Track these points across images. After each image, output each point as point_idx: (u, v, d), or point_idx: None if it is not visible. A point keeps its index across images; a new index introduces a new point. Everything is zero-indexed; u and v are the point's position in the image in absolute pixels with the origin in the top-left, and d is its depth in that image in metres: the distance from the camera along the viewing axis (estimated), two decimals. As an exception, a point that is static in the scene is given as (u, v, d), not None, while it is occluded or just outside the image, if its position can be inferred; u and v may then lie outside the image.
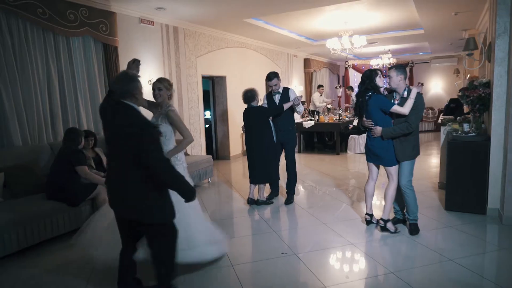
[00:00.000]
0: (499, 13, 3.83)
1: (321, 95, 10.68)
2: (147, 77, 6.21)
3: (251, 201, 4.99)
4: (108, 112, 2.38)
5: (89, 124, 5.19)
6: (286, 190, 5.12)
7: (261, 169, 4.84)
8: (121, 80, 2.32)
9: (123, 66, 5.70)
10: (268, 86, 4.92)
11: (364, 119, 3.70)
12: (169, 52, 6.69)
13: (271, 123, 4.85)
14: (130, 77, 2.34)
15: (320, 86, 10.91)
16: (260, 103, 5.07)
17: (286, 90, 4.92)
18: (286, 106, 4.72)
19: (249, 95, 4.81)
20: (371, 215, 4.02)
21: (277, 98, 4.90)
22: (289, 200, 5.03)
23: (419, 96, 3.54)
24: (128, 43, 5.85)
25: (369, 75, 3.62)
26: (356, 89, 13.75)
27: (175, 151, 3.17)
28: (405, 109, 3.50)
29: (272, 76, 4.82)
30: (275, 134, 4.86)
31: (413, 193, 3.74)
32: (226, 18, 6.77)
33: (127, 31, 5.80)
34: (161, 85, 3.20)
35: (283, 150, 5.09)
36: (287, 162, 5.02)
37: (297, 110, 4.86)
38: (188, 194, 2.35)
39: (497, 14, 3.84)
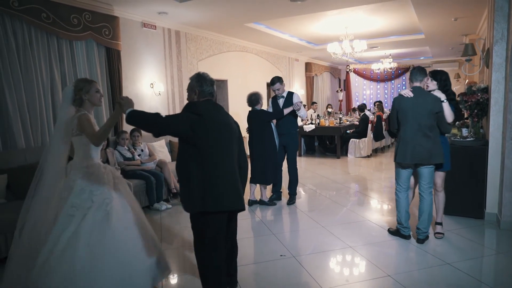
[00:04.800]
0: (497, 19, 3.87)
1: (315, 111, 10.94)
2: (149, 81, 6.28)
3: (251, 202, 5.11)
4: (218, 113, 2.44)
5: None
6: (288, 191, 5.23)
7: (258, 170, 4.96)
8: (214, 83, 2.53)
9: (125, 70, 5.77)
10: (272, 90, 5.08)
11: None
12: (171, 56, 6.76)
13: (273, 126, 4.96)
14: None
15: (314, 103, 11.36)
16: (264, 107, 5.19)
17: (290, 94, 5.05)
18: (286, 111, 4.86)
19: (253, 99, 4.95)
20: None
21: (281, 102, 5.04)
22: (291, 200, 5.16)
23: (395, 99, 3.59)
24: (131, 47, 5.92)
25: None
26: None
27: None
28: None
29: (274, 81, 4.98)
30: (277, 138, 4.97)
31: (396, 200, 3.74)
32: (227, 22, 6.83)
33: (129, 35, 5.87)
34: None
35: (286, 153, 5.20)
36: (288, 164, 5.15)
37: (299, 114, 4.95)
38: None
39: (494, 20, 3.89)
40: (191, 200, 2.33)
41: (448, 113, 3.45)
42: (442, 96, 3.47)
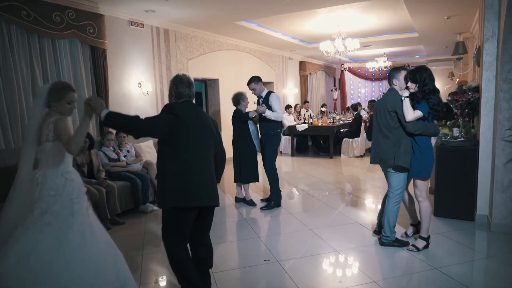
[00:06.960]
0: (487, 17, 3.78)
1: (307, 110, 10.88)
2: (137, 80, 6.16)
3: (238, 200, 5.25)
4: (194, 113, 2.49)
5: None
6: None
7: (237, 169, 5.03)
8: (193, 84, 2.59)
9: (112, 69, 5.65)
10: None
11: None
12: (160, 55, 6.63)
13: (252, 127, 4.93)
14: None
15: (305, 102, 11.34)
16: (253, 106, 5.21)
17: (269, 94, 4.96)
18: (251, 113, 4.83)
19: (234, 98, 5.03)
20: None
21: (260, 102, 4.99)
22: (266, 206, 4.93)
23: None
24: (117, 46, 5.79)
25: None
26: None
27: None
28: None
29: (249, 81, 5.01)
30: (255, 138, 4.96)
31: None
32: (217, 21, 6.72)
33: (116, 34, 5.74)
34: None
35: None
36: (263, 165, 5.01)
37: (268, 117, 4.77)
38: None
39: (485, 18, 3.80)
40: (165, 196, 2.39)
41: (406, 111, 3.20)
42: (404, 93, 3.25)
